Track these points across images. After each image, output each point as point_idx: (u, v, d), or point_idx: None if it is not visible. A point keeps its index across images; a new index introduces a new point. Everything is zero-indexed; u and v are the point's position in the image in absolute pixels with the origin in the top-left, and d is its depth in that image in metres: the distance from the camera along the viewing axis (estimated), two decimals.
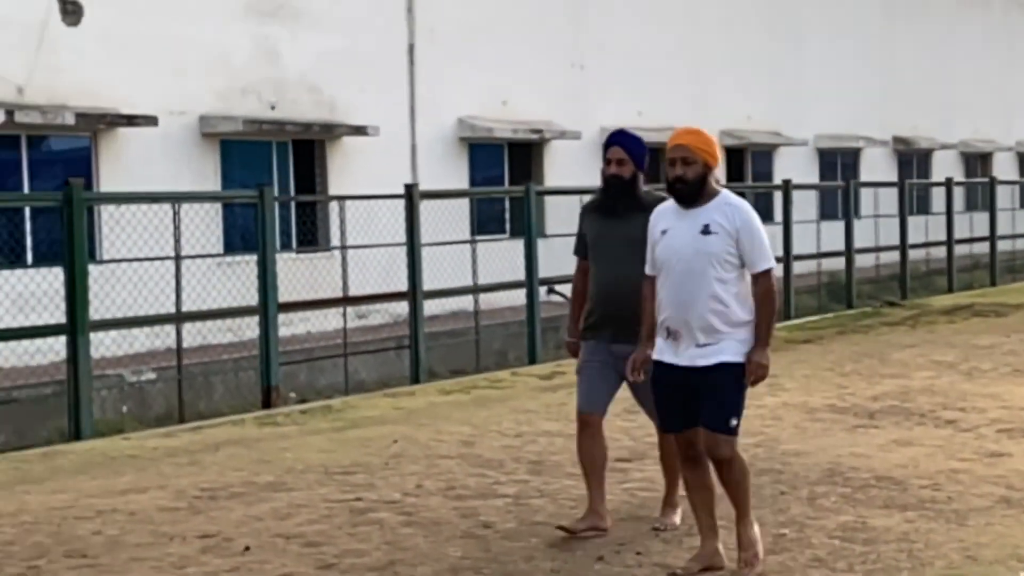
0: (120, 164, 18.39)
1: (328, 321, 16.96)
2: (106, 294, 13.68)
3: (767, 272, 6.04)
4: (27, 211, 17.20)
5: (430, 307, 14.50)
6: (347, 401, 12.35)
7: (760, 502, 7.56)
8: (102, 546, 6.88)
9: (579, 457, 6.92)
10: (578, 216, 7.14)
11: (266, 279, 12.50)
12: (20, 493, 8.28)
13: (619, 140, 6.91)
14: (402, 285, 14.01)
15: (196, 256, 14.10)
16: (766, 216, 26.03)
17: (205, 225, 17.82)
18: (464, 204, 20.59)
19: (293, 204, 20.57)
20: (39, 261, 16.72)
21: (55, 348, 12.89)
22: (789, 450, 9.11)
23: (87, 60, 17.97)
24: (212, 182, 19.62)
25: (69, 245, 11.10)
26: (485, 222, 21.63)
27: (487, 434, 9.80)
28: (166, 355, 15.63)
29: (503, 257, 15.88)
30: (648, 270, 6.25)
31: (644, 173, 6.92)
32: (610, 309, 6.76)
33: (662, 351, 6.12)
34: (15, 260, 16.65)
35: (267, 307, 12.50)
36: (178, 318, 12.42)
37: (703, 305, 5.97)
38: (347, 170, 21.48)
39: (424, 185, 17.96)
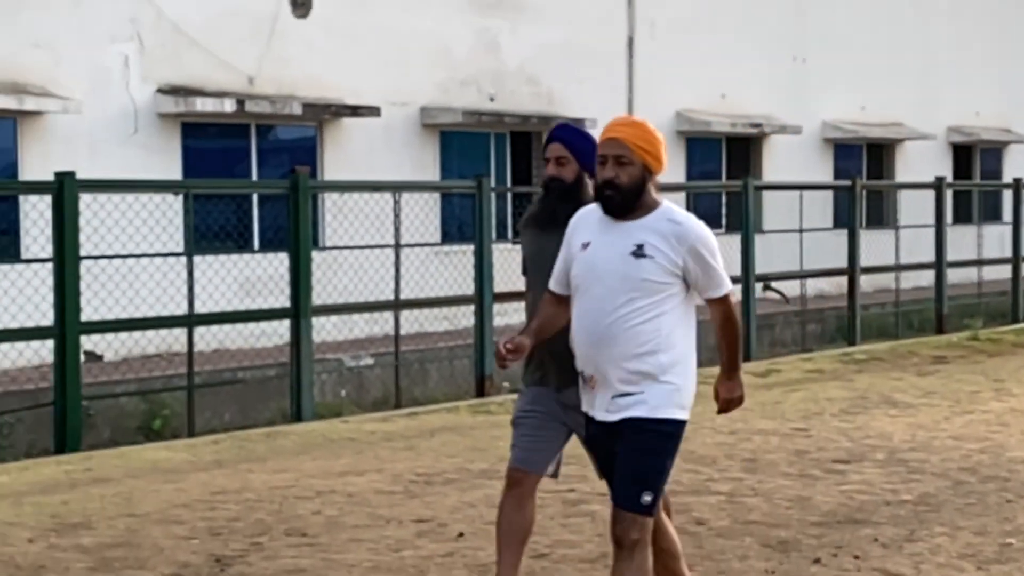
0: (343, 153, 18.81)
1: None
2: (328, 280, 14.01)
3: (725, 297, 4.83)
4: (255, 198, 17.72)
5: None
6: None
7: (985, 509, 7.32)
8: (321, 526, 7.04)
9: (497, 521, 5.43)
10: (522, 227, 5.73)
11: (482, 269, 12.62)
12: (244, 471, 8.54)
13: (560, 135, 5.50)
14: None
15: (415, 245, 14.32)
16: (994, 215, 25.31)
17: (424, 214, 18.11)
18: (680, 198, 20.45)
19: (509, 195, 20.74)
20: (265, 247, 17.21)
21: (279, 331, 13.26)
22: (1016, 457, 8.78)
23: (314, 51, 18.42)
24: (431, 172, 19.92)
25: (294, 232, 11.39)
26: (701, 217, 21.34)
27: (701, 430, 9.71)
28: (383, 341, 15.93)
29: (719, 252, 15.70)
30: (552, 285, 4.98)
31: (591, 175, 5.22)
32: (553, 347, 5.18)
33: (582, 400, 4.93)
34: (243, 245, 17.17)
35: (483, 297, 12.62)
36: (396, 305, 12.64)
37: (624, 344, 4.69)
38: None
39: None
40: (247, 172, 18.12)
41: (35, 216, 12.48)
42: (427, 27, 19.77)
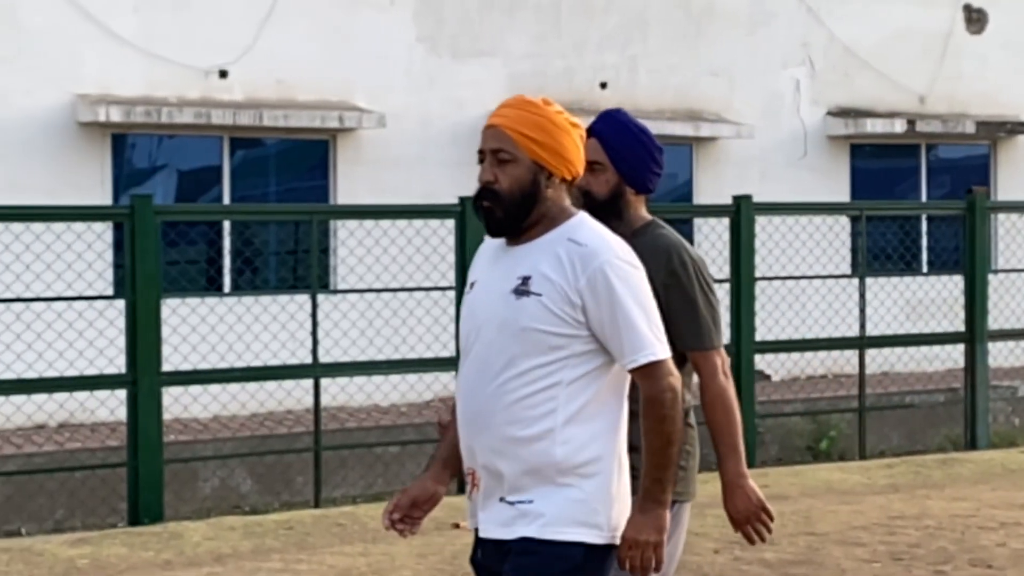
0: (1018, 172, 18.05)
1: None
2: (1005, 304, 13.49)
3: (649, 369, 3.25)
4: (923, 219, 17.40)
5: None
6: None
7: None
8: (1007, 558, 6.78)
9: None
10: None
11: None
12: (921, 497, 8.38)
13: (600, 130, 3.97)
14: None
15: None
16: None
17: None
18: None
19: None
20: (934, 269, 16.87)
21: (952, 356, 12.94)
22: None
23: (988, 67, 17.82)
24: None
25: (970, 253, 11.11)
26: None
27: None
28: None
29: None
30: (460, 335, 3.57)
31: (641, 191, 4.03)
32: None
33: (469, 509, 3.52)
34: (911, 267, 16.90)
35: None
36: None
37: (501, 427, 3.28)
38: None
39: None
40: (913, 192, 17.83)
41: (713, 238, 12.93)
42: None
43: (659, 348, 3.26)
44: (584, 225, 3.32)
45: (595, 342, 3.26)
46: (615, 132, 3.96)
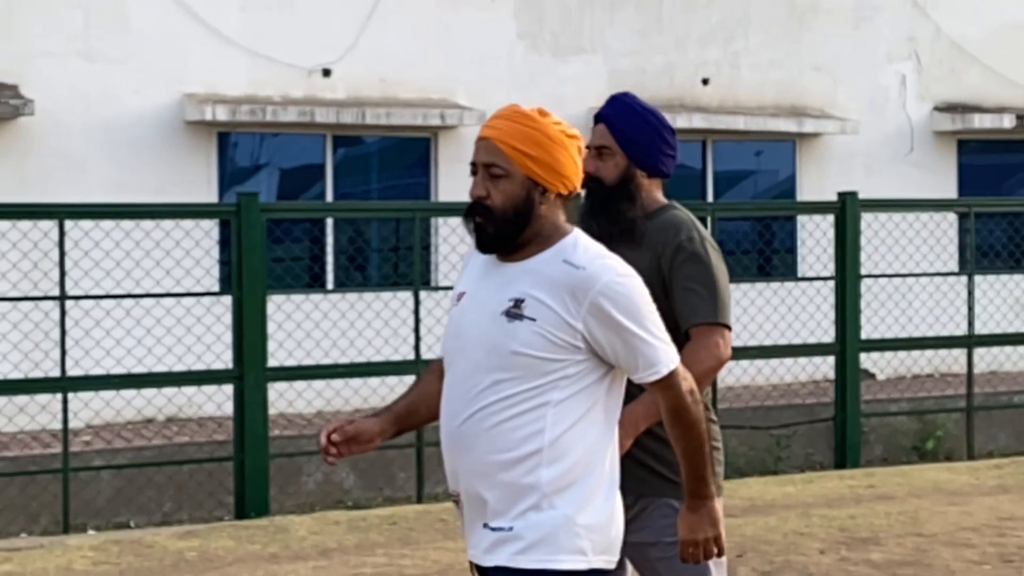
0: None
1: None
2: None
3: (667, 380, 3.18)
4: None
5: None
6: None
7: None
8: None
9: None
10: None
11: None
12: None
13: (606, 114, 3.98)
14: None
15: None
16: None
17: None
18: None
19: None
20: None
21: None
22: None
23: None
24: None
25: None
26: None
27: None
28: None
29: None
30: (441, 349, 3.41)
31: (653, 174, 3.97)
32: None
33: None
34: (1019, 265, 16.61)
35: None
36: None
37: (484, 450, 3.16)
38: None
39: None
40: (1021, 188, 17.51)
41: (818, 235, 12.81)
42: None
43: (673, 354, 3.20)
44: (579, 245, 3.19)
45: (588, 363, 3.15)
46: (621, 115, 3.94)
